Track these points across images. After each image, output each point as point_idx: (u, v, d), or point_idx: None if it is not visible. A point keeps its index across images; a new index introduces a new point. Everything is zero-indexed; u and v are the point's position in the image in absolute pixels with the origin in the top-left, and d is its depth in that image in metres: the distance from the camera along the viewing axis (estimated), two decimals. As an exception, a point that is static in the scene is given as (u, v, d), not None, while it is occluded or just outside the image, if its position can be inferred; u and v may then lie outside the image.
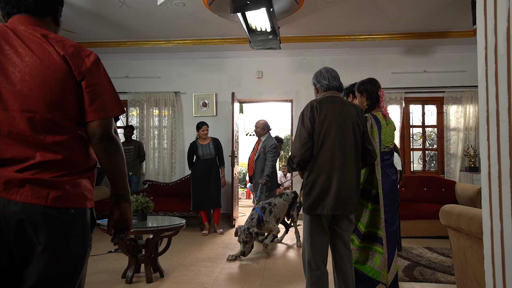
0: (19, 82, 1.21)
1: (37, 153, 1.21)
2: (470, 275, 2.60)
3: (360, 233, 2.77)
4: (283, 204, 4.67)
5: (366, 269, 2.72)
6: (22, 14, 1.33)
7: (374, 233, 2.74)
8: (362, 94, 2.91)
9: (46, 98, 1.22)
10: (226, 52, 6.68)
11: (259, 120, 5.58)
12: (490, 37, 1.48)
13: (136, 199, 3.52)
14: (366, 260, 2.74)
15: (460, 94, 6.34)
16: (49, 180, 1.21)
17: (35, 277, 1.20)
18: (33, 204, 1.18)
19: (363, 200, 2.78)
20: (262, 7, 3.98)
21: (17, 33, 1.26)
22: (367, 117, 2.79)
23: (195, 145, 5.61)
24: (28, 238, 1.20)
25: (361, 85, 2.93)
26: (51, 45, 1.25)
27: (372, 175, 2.77)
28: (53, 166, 1.23)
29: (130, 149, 6.31)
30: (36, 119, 1.21)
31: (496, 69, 1.45)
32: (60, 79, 1.24)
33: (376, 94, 2.88)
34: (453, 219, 2.68)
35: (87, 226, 1.33)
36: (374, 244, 2.74)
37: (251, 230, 4.07)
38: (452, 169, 6.32)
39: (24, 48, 1.23)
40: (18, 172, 1.19)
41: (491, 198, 1.48)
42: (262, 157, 5.25)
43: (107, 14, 5.14)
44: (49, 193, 1.21)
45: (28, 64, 1.22)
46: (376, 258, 2.70)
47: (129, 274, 3.37)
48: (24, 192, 1.18)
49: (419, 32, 5.88)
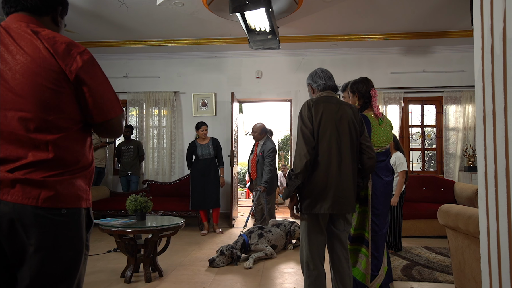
0: (10, 80, 1.19)
1: (29, 152, 1.20)
2: (468, 275, 2.61)
3: (350, 236, 2.73)
4: (280, 234, 4.44)
5: (355, 272, 2.69)
6: (19, 12, 1.32)
7: (362, 235, 2.72)
8: (354, 94, 2.87)
9: (38, 96, 1.20)
10: (225, 52, 6.68)
11: (256, 123, 5.48)
12: (486, 38, 1.48)
13: (135, 198, 3.53)
14: (356, 263, 2.73)
15: (459, 94, 6.34)
16: (40, 180, 1.20)
17: (28, 279, 1.19)
18: (24, 205, 1.17)
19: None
20: (261, 7, 3.98)
21: (9, 31, 1.24)
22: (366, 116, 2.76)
23: (194, 145, 5.62)
24: (20, 239, 1.19)
25: (353, 85, 2.90)
26: (41, 42, 1.22)
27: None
28: (45, 166, 1.21)
29: (129, 148, 6.31)
30: (28, 118, 1.20)
31: (493, 69, 1.46)
32: (51, 77, 1.21)
33: (368, 94, 2.84)
34: (451, 218, 2.69)
35: (81, 226, 1.31)
36: (362, 246, 2.72)
37: (234, 251, 3.90)
38: (451, 169, 6.33)
39: (15, 46, 1.21)
40: (9, 172, 1.18)
41: (488, 197, 1.49)
42: (261, 162, 5.24)
43: (106, 14, 5.14)
44: (40, 193, 1.19)
45: (19, 62, 1.20)
46: (363, 261, 2.69)
47: (128, 274, 3.37)
48: (15, 192, 1.17)
49: (418, 32, 5.89)
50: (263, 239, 4.18)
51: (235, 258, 3.88)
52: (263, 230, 4.29)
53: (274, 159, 5.30)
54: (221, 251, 3.92)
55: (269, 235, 4.30)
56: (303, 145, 2.34)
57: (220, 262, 3.85)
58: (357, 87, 2.86)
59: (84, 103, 1.29)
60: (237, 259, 3.89)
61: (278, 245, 4.36)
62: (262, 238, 4.18)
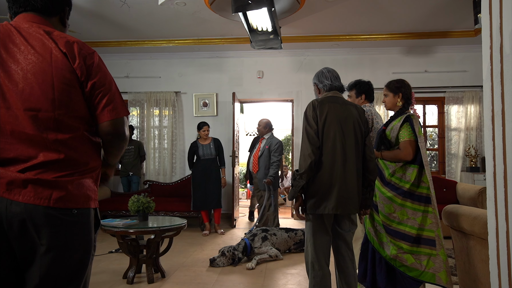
0: (21, 80, 1.19)
1: (40, 153, 1.20)
2: (473, 276, 2.59)
3: (410, 237, 2.61)
4: (285, 239, 4.33)
5: (413, 273, 2.59)
6: (28, 12, 1.32)
7: (423, 235, 2.63)
8: (397, 94, 2.79)
9: (49, 95, 1.21)
10: (227, 52, 6.67)
11: (262, 119, 5.68)
12: (495, 37, 1.47)
13: (137, 199, 3.51)
14: (414, 264, 2.61)
15: (461, 94, 6.33)
16: (52, 180, 1.20)
17: (38, 278, 1.19)
18: (36, 205, 1.17)
19: (412, 203, 2.63)
20: (263, 6, 3.97)
21: (20, 30, 1.25)
22: (412, 117, 2.70)
23: (196, 145, 5.60)
24: (31, 239, 1.19)
25: (397, 86, 2.81)
26: (54, 41, 1.24)
27: (421, 177, 2.64)
28: (56, 166, 1.22)
29: (130, 149, 6.30)
30: (39, 118, 1.20)
31: (502, 69, 1.44)
32: (62, 76, 1.22)
33: (409, 96, 2.78)
34: (456, 219, 2.67)
35: (91, 226, 1.31)
36: (421, 246, 2.62)
37: (236, 253, 3.89)
38: (453, 169, 6.32)
39: (26, 45, 1.22)
40: (20, 172, 1.18)
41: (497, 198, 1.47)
42: (266, 154, 5.34)
43: (107, 13, 5.13)
44: (52, 193, 1.19)
45: (30, 61, 1.21)
46: (426, 260, 2.59)
47: (130, 275, 3.36)
48: (27, 192, 1.17)
49: (420, 32, 5.87)
50: (267, 242, 4.15)
51: (236, 260, 3.86)
52: (268, 233, 4.26)
53: (281, 154, 5.43)
54: (222, 251, 3.91)
55: (273, 238, 4.25)
56: (308, 145, 2.33)
57: (220, 262, 3.84)
58: (401, 87, 2.79)
59: (92, 102, 1.29)
60: (238, 261, 3.87)
61: (281, 250, 4.30)
62: (266, 241, 4.15)
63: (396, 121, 2.75)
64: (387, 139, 2.77)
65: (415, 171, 2.65)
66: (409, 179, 2.65)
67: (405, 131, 2.68)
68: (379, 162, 2.80)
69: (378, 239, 2.73)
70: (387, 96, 2.86)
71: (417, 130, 2.65)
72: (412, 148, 2.65)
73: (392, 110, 2.88)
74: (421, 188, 2.64)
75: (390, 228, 2.67)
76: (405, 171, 2.67)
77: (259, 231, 4.28)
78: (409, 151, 2.64)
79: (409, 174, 2.66)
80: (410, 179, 2.65)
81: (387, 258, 2.67)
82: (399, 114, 2.79)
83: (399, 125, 2.71)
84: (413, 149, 2.65)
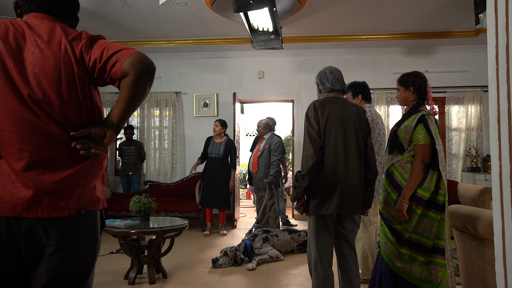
0: (31, 75, 1.19)
1: (52, 149, 1.19)
2: (476, 276, 2.58)
3: (426, 248, 2.41)
4: (287, 241, 4.29)
5: (428, 285, 2.40)
6: (41, 12, 1.31)
7: (438, 245, 2.41)
8: (408, 87, 2.54)
9: (58, 91, 1.20)
10: (227, 52, 6.66)
11: (261, 119, 5.69)
12: (501, 35, 1.46)
13: (138, 199, 3.50)
14: (430, 276, 2.41)
15: (462, 94, 6.33)
16: (67, 189, 1.20)
17: (44, 279, 1.19)
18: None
19: (430, 211, 2.42)
20: (265, 6, 3.96)
21: (31, 26, 1.25)
22: (427, 116, 2.43)
23: (209, 141, 5.62)
24: (38, 239, 1.18)
25: (406, 78, 2.55)
26: (65, 37, 1.23)
27: (439, 183, 2.40)
28: (70, 169, 1.22)
29: (130, 149, 6.30)
30: (46, 112, 1.19)
31: (508, 68, 1.43)
32: (72, 72, 1.21)
33: (424, 89, 2.51)
34: (459, 219, 2.66)
35: (98, 227, 1.32)
36: (436, 256, 2.41)
37: (238, 253, 3.88)
38: (454, 170, 6.32)
39: (36, 40, 1.22)
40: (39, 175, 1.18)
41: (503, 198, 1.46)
42: (266, 154, 5.36)
43: (108, 14, 5.12)
44: (69, 202, 1.21)
45: (40, 56, 1.20)
46: (441, 272, 2.39)
47: (131, 275, 3.35)
48: (44, 209, 1.18)
49: (421, 32, 5.87)
50: (267, 243, 4.13)
51: (238, 261, 3.86)
52: (269, 234, 4.23)
53: (282, 153, 5.44)
54: (224, 251, 3.90)
55: (275, 239, 4.22)
56: (310, 146, 2.33)
57: (223, 262, 3.83)
58: (413, 80, 2.52)
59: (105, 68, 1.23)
60: (240, 261, 3.86)
61: (283, 251, 4.26)
62: (266, 242, 4.13)
63: (409, 121, 2.48)
64: (399, 141, 2.51)
65: (434, 178, 2.40)
66: (428, 187, 2.40)
67: (420, 133, 2.42)
68: (395, 173, 2.54)
69: (388, 251, 2.54)
70: (398, 91, 2.62)
71: (433, 131, 2.40)
72: (428, 152, 2.40)
73: (406, 105, 2.63)
74: (439, 195, 2.40)
75: (405, 238, 2.46)
76: (425, 177, 2.42)
77: (260, 231, 4.26)
78: (425, 155, 2.40)
79: (429, 181, 2.41)
80: (429, 187, 2.40)
81: (398, 272, 2.48)
82: (412, 111, 2.51)
83: (412, 125, 2.45)
84: (429, 153, 2.41)
